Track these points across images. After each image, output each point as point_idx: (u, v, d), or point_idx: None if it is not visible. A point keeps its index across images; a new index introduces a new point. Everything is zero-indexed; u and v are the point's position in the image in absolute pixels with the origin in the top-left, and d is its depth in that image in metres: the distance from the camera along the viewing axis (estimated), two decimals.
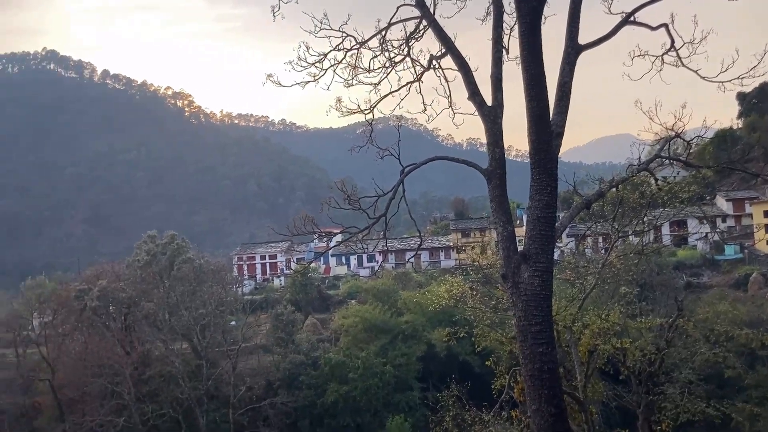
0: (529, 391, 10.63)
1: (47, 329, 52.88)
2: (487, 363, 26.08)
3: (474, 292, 25.30)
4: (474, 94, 11.54)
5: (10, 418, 49.17)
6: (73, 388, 47.39)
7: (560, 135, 11.10)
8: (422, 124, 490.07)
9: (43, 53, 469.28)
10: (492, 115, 11.35)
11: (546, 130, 10.72)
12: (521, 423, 20.78)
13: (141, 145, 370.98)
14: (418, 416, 47.07)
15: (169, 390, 45.36)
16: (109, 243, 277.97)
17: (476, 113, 11.65)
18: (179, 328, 47.77)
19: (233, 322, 52.86)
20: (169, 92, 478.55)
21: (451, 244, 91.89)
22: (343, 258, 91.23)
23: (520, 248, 10.96)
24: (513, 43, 11.74)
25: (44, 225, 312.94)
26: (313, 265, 70.35)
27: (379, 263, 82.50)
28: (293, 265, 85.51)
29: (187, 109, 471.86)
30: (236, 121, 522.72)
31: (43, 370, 50.13)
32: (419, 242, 18.15)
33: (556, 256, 12.61)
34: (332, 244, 16.47)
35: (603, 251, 33.94)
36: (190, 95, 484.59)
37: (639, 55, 12.00)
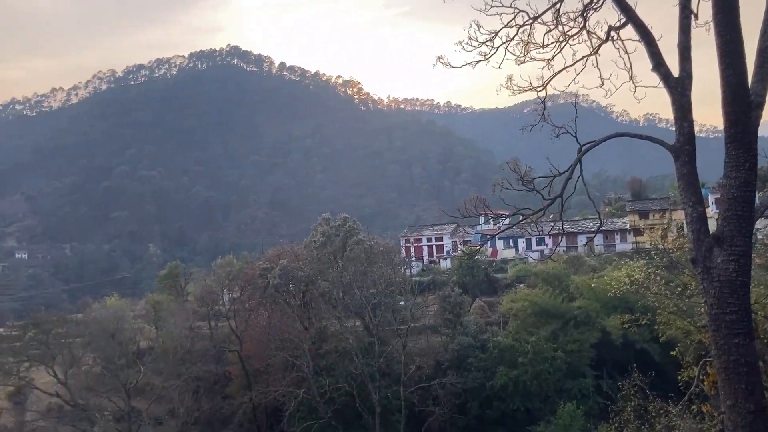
0: (724, 386, 9.77)
1: (235, 304, 57.16)
2: (672, 353, 24.34)
3: (657, 278, 23.68)
4: (658, 65, 10.72)
5: (206, 384, 54.14)
6: (258, 360, 51.08)
7: (760, 106, 10.00)
8: (594, 101, 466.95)
9: (227, 49, 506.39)
10: (680, 87, 10.50)
11: (744, 100, 9.72)
12: (714, 419, 19.08)
13: (315, 132, 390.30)
14: (591, 404, 45.41)
15: (344, 365, 47.49)
16: (288, 225, 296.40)
17: (660, 86, 10.83)
18: (352, 306, 49.75)
19: (402, 303, 54.09)
20: (340, 81, 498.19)
21: (628, 226, 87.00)
22: (511, 241, 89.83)
23: (711, 231, 10.10)
24: (702, 7, 10.71)
25: (232, 209, 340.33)
26: (478, 247, 70.11)
27: (548, 246, 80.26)
28: (460, 248, 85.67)
29: (356, 96, 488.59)
30: (402, 106, 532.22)
31: (233, 342, 54.22)
32: (599, 224, 17.22)
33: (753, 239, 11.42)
34: (502, 225, 16.20)
35: None
36: (359, 83, 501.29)
37: None
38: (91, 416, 48.02)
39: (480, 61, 12.06)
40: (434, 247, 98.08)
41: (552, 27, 11.84)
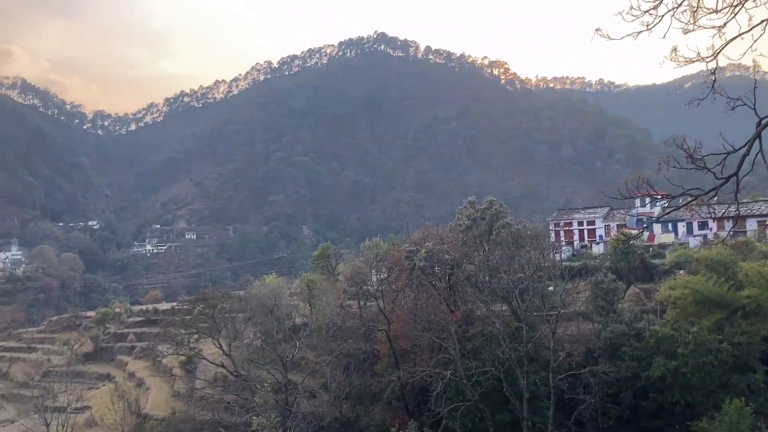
0: None
1: (383, 285, 58.48)
2: None
3: None
4: None
5: (356, 361, 56.04)
6: (405, 340, 52.05)
7: None
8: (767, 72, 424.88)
9: (375, 36, 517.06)
10: None
11: None
12: None
13: (460, 115, 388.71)
14: (762, 401, 41.71)
15: (490, 349, 47.15)
16: (433, 208, 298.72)
17: None
18: (499, 291, 49.15)
19: (551, 288, 52.63)
20: (486, 62, 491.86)
21: None
22: (670, 225, 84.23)
23: None
24: None
25: (378, 192, 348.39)
26: (636, 232, 66.34)
27: (712, 231, 74.37)
28: (613, 232, 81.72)
29: (502, 76, 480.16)
30: (551, 85, 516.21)
31: (380, 321, 55.57)
32: None
33: None
34: (663, 208, 15.13)
35: None
36: (505, 63, 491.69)
37: None
38: (252, 386, 51.41)
39: (642, 31, 11.25)
40: (585, 231, 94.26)
41: None
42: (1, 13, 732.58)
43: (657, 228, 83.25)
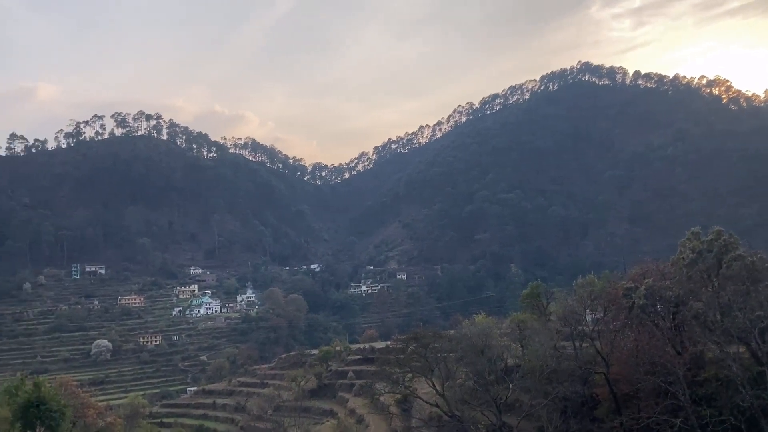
0: None
1: (599, 325, 55.69)
2: None
3: None
4: None
5: (574, 405, 53.51)
6: (626, 384, 48.72)
7: None
8: None
9: (578, 66, 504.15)
10: None
11: None
12: None
13: (677, 140, 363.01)
14: None
15: (727, 395, 42.37)
16: (651, 241, 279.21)
17: None
18: (733, 330, 44.25)
19: None
20: (703, 81, 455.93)
21: None
22: None
23: None
24: None
25: (590, 226, 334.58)
26: None
27: None
28: None
29: (724, 95, 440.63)
30: None
31: (598, 363, 52.78)
32: None
33: None
34: None
35: None
36: (726, 80, 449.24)
37: None
38: (467, 427, 51.28)
39: None
40: None
41: None
42: (236, 84, 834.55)
43: None
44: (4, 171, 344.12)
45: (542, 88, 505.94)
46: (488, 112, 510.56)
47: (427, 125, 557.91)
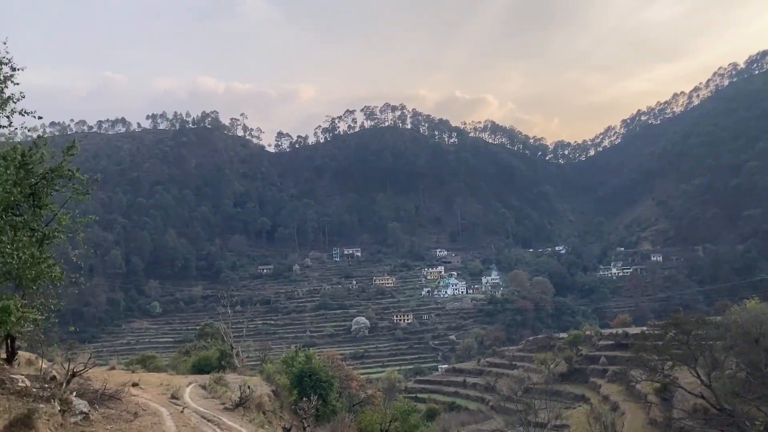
0: None
1: None
2: None
3: None
4: None
5: None
6: None
7: None
8: None
9: None
10: None
11: None
12: None
13: None
14: None
15: None
16: None
17: None
18: None
19: None
20: None
21: None
22: None
23: None
24: None
25: None
26: None
27: None
28: None
29: None
30: None
31: None
32: None
33: None
34: None
35: None
36: None
37: None
38: (740, 423, 46.33)
39: None
40: None
41: None
42: (475, 68, 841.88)
43: None
44: (274, 166, 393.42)
45: None
46: (756, 72, 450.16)
47: (682, 92, 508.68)
